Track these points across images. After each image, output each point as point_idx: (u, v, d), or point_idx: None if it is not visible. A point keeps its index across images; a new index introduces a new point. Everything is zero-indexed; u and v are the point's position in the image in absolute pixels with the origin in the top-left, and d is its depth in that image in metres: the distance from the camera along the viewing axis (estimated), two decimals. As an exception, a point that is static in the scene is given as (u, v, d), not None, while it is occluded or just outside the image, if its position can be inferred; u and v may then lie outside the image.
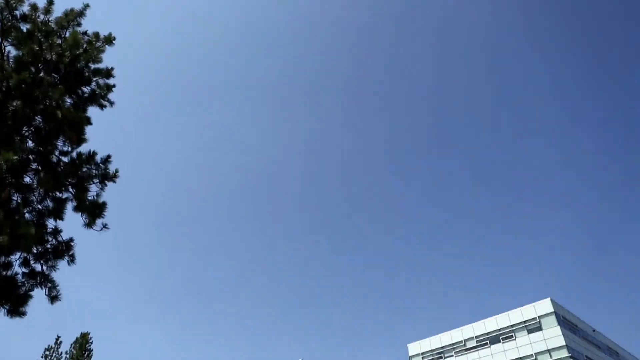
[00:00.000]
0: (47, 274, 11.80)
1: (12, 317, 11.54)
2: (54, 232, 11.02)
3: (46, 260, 11.60)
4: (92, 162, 10.68)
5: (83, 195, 10.99)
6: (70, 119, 9.48)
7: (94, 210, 11.05)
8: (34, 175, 9.48)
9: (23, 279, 11.06)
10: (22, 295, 11.70)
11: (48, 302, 12.11)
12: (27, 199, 9.57)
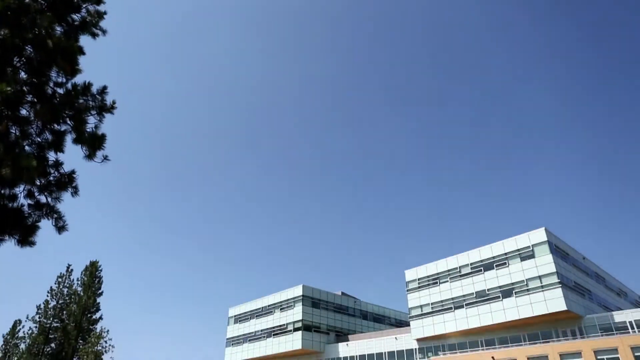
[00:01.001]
0: (52, 205, 12.03)
1: (23, 246, 11.93)
2: (55, 165, 11.07)
3: (50, 192, 11.76)
4: (88, 93, 10.48)
5: (81, 127, 10.90)
6: (62, 48, 9.14)
7: (93, 142, 11.02)
8: (30, 108, 9.34)
9: (29, 210, 11.29)
10: (30, 226, 12.01)
11: (56, 232, 12.48)
12: (26, 131, 9.50)
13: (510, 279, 47.92)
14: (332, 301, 67.28)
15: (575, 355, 40.62)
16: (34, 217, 12.05)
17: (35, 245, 12.23)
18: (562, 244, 50.50)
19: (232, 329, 73.21)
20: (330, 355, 61.73)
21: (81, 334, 57.43)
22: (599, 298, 52.16)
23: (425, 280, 55.70)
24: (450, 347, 50.86)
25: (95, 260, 62.64)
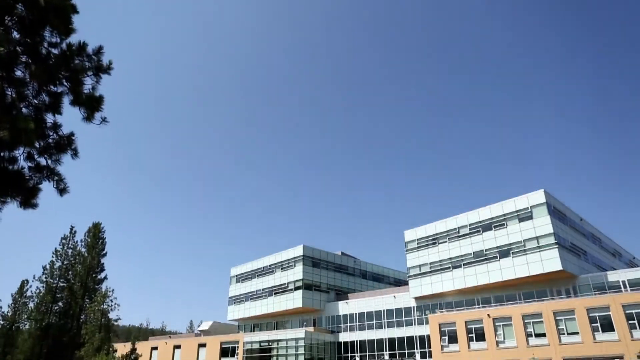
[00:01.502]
0: (53, 168, 12.02)
1: (25, 208, 12.01)
2: (53, 127, 10.99)
3: (50, 154, 11.72)
4: (84, 53, 10.26)
5: (78, 88, 10.73)
6: (55, 6, 8.88)
7: (91, 104, 10.88)
8: (24, 69, 9.17)
9: (30, 173, 11.30)
10: (32, 188, 12.05)
11: (57, 195, 12.55)
12: (22, 93, 9.36)
13: (508, 240, 48.60)
14: (332, 261, 68.53)
15: (568, 313, 41.74)
16: (35, 179, 12.08)
17: (37, 208, 12.33)
18: (560, 206, 50.90)
19: (234, 288, 74.95)
20: (330, 313, 63.49)
21: (87, 293, 58.86)
22: (594, 258, 53.10)
23: (424, 240, 56.52)
24: (447, 305, 52.23)
25: (98, 222, 63.30)
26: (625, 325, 38.55)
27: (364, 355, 57.74)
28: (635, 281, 43.66)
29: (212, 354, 66.56)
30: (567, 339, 41.03)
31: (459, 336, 46.57)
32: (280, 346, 58.63)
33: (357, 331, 59.85)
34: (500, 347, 43.85)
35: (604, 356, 37.86)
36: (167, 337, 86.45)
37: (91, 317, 54.47)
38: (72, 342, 55.29)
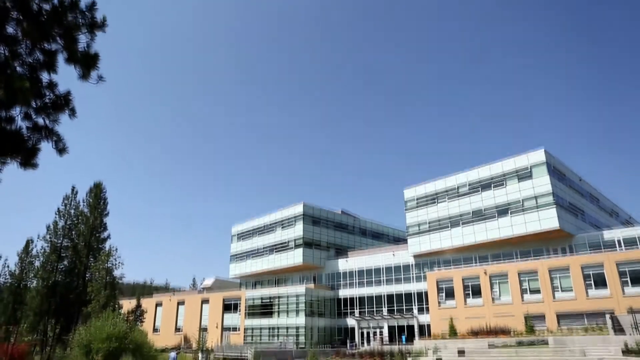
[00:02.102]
0: (51, 128, 11.91)
1: (26, 168, 12.00)
2: (49, 86, 10.81)
3: (47, 114, 11.58)
4: (77, 9, 9.94)
5: (73, 45, 10.47)
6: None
7: (87, 62, 10.64)
8: (16, 26, 8.91)
9: (28, 133, 11.21)
10: (31, 148, 12.00)
11: (57, 155, 12.51)
12: (15, 51, 9.14)
13: (507, 199, 48.97)
14: (332, 219, 69.30)
15: (563, 270, 42.66)
16: (34, 139, 12.00)
17: (38, 168, 12.33)
18: (560, 165, 50.96)
19: (235, 246, 76.17)
20: (330, 270, 64.86)
21: (91, 252, 59.88)
22: (591, 218, 53.68)
23: (423, 199, 56.93)
24: (445, 263, 53.27)
25: (99, 182, 63.46)
26: (618, 282, 39.51)
27: (363, 311, 59.46)
28: (630, 239, 44.35)
29: (215, 309, 68.53)
30: (560, 295, 42.13)
31: (456, 292, 47.79)
32: (282, 302, 60.28)
33: (357, 287, 61.35)
34: (495, 302, 45.09)
35: (596, 311, 38.99)
36: (171, 293, 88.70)
37: (96, 275, 55.68)
38: (78, 300, 56.79)
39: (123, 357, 42.81)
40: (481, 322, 41.02)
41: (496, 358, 27.14)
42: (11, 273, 67.96)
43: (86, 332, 44.69)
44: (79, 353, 44.04)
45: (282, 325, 58.93)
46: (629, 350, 24.35)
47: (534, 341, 31.32)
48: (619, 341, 26.27)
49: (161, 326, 75.33)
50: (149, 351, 47.10)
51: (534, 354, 26.73)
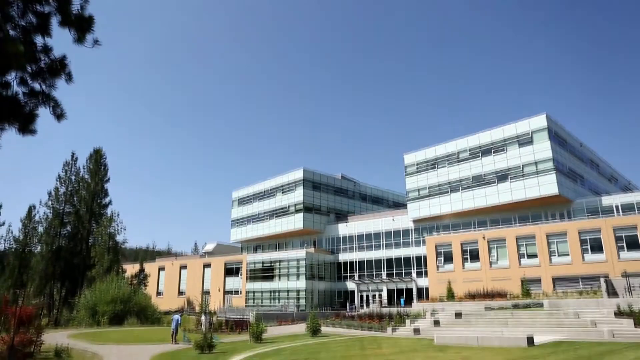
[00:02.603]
0: (48, 93, 11.73)
1: (24, 134, 11.90)
2: (44, 50, 10.56)
3: (43, 79, 11.40)
4: (69, -31, 9.60)
5: (66, 7, 10.17)
6: None
7: (81, 25, 10.36)
8: (7, -13, 8.61)
9: (25, 98, 11.06)
10: (29, 114, 11.86)
11: (55, 120, 12.39)
12: (7, 13, 8.87)
13: (507, 164, 48.94)
14: (332, 184, 69.51)
15: (561, 235, 43.13)
16: (31, 105, 11.85)
17: (36, 134, 12.23)
18: (562, 131, 50.65)
19: (236, 211, 76.75)
20: (330, 235, 65.60)
21: (93, 218, 60.34)
22: (590, 184, 53.81)
23: (423, 164, 56.90)
24: (444, 228, 53.80)
25: (99, 148, 63.33)
26: (614, 247, 40.04)
27: (363, 275, 60.53)
28: (628, 205, 44.62)
29: (217, 273, 69.77)
30: (557, 259, 42.77)
31: (454, 256, 48.50)
32: (282, 266, 61.29)
33: (356, 252, 62.22)
34: (493, 266, 45.84)
35: (591, 275, 39.67)
36: (174, 258, 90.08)
37: (99, 240, 56.37)
38: (82, 264, 57.73)
39: (128, 319, 44.02)
40: (478, 286, 41.80)
41: (492, 320, 27.79)
42: (15, 239, 68.72)
43: (91, 295, 45.74)
44: (85, 315, 45.21)
45: (283, 288, 60.14)
46: (621, 312, 24.91)
47: (529, 304, 31.98)
48: (612, 304, 26.83)
49: (164, 290, 76.90)
50: (153, 313, 48.36)
51: (529, 316, 27.37)
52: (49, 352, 18.84)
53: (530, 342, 19.07)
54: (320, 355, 17.47)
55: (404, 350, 18.95)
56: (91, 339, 27.49)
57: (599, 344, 19.07)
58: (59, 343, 20.28)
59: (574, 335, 22.49)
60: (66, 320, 49.56)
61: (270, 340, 25.29)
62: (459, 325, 28.21)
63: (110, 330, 37.65)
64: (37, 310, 20.93)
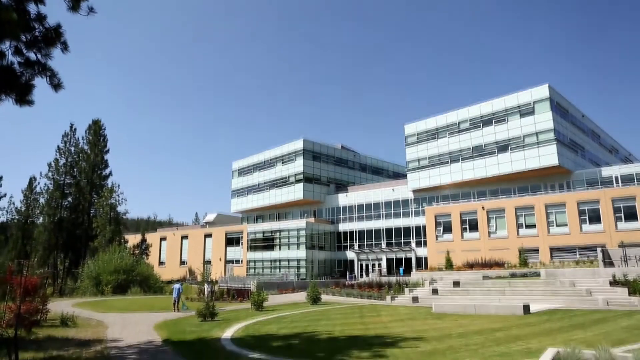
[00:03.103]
0: (44, 63, 11.57)
1: (21, 105, 11.80)
2: (38, 18, 10.38)
3: (38, 48, 11.20)
4: None
5: (59, -26, 9.94)
6: None
7: (75, -9, 10.15)
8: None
9: (21, 68, 10.92)
10: (25, 84, 11.73)
11: (52, 91, 12.24)
12: (-1, -20, 8.65)
13: (508, 135, 48.72)
14: (332, 154, 69.41)
15: (559, 206, 43.37)
16: (27, 75, 11.70)
17: (34, 105, 12.12)
18: (564, 101, 50.20)
19: (236, 182, 76.91)
20: (330, 205, 65.95)
21: (94, 189, 60.50)
22: (590, 155, 53.71)
23: (424, 134, 56.65)
24: (444, 198, 54.03)
25: (98, 119, 62.89)
26: (612, 218, 40.33)
27: (362, 244, 61.19)
28: (628, 176, 44.68)
29: (218, 243, 70.52)
30: (555, 229, 43.15)
31: (454, 226, 48.92)
32: (283, 236, 61.89)
33: (356, 222, 62.70)
34: (491, 237, 46.30)
35: (588, 245, 40.11)
36: (175, 228, 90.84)
37: (100, 211, 56.69)
38: (85, 235, 58.27)
39: (131, 288, 44.77)
40: (477, 256, 42.33)
41: (490, 289, 28.25)
42: (17, 210, 69.09)
43: (95, 266, 46.37)
44: (89, 284, 45.96)
45: (283, 258, 60.91)
46: (616, 281, 25.32)
47: (526, 273, 32.47)
48: (608, 273, 27.24)
49: (166, 260, 77.89)
50: (156, 283, 49.15)
51: (526, 285, 27.82)
52: (55, 320, 19.24)
53: (527, 310, 19.46)
54: (320, 323, 17.85)
55: (403, 318, 19.35)
56: (95, 308, 28.03)
57: (593, 312, 19.46)
58: (65, 311, 20.69)
59: (569, 304, 22.92)
60: (70, 289, 50.40)
61: (271, 309, 25.79)
62: (457, 294, 28.71)
63: (114, 299, 38.35)
64: (42, 280, 21.27)
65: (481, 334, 13.69)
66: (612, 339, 11.85)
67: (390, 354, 10.47)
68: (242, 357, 10.90)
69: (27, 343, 14.12)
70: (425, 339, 12.76)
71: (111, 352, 12.44)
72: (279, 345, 12.60)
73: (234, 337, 14.63)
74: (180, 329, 17.11)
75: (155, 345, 13.48)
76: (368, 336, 13.88)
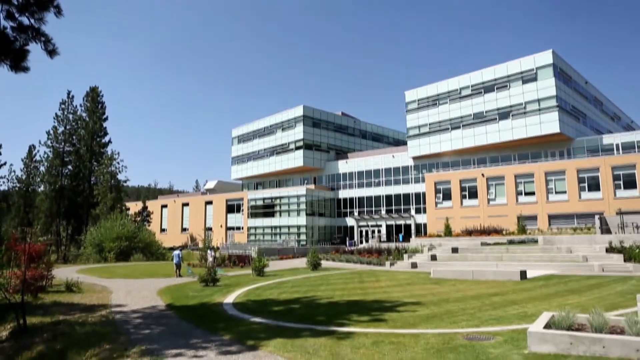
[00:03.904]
0: (37, 27, 11.33)
1: (17, 72, 11.63)
2: (30, -19, 10.07)
3: (31, 12, 10.95)
4: None
5: None
6: None
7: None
8: None
9: (14, 34, 10.69)
10: (19, 50, 11.51)
11: (48, 57, 12.03)
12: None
13: (509, 102, 48.24)
14: (332, 121, 68.93)
15: (559, 173, 43.40)
16: (21, 40, 11.48)
17: (29, 71, 11.93)
18: (567, 67, 49.44)
19: (236, 149, 76.71)
20: (330, 172, 66.02)
21: (94, 157, 60.44)
22: (592, 122, 53.31)
23: (424, 101, 56.09)
24: (444, 165, 54.03)
25: (95, 86, 62.17)
26: (611, 185, 40.45)
27: (362, 211, 61.62)
28: (629, 144, 44.52)
29: (218, 210, 71.01)
30: (554, 197, 43.35)
31: (453, 193, 49.13)
32: (283, 202, 62.25)
33: (356, 188, 62.94)
34: (490, 204, 46.57)
35: (586, 213, 40.38)
36: (176, 195, 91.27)
37: (101, 179, 56.84)
38: (86, 202, 58.62)
39: (133, 255, 45.43)
40: (476, 223, 42.70)
41: (487, 255, 28.65)
42: (18, 178, 69.22)
43: (97, 233, 46.90)
44: (92, 251, 46.61)
45: (283, 224, 61.46)
46: (612, 248, 25.64)
47: (524, 240, 32.82)
48: (605, 240, 27.54)
49: (168, 227, 78.64)
50: (158, 249, 49.83)
51: (523, 251, 28.19)
52: (60, 286, 19.61)
53: (523, 276, 19.80)
54: (320, 288, 18.19)
55: (402, 283, 19.70)
56: (99, 274, 28.52)
57: (589, 278, 19.80)
58: (69, 277, 21.07)
59: (565, 270, 23.29)
60: (74, 256, 51.13)
61: (272, 274, 26.22)
62: (455, 260, 29.13)
63: (117, 265, 38.96)
64: (45, 247, 21.53)
65: (478, 298, 13.97)
66: (606, 303, 12.11)
67: (389, 318, 10.72)
68: (244, 321, 11.16)
69: (34, 308, 14.45)
70: (424, 304, 13.03)
71: (116, 316, 12.73)
72: (280, 310, 12.87)
73: (235, 302, 14.94)
74: (183, 295, 17.45)
75: (158, 310, 13.78)
76: (367, 301, 14.16)
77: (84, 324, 11.62)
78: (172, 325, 11.07)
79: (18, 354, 9.87)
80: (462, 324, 9.78)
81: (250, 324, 10.75)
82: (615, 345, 6.39)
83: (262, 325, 10.50)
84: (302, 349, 7.81)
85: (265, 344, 8.36)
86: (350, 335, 8.85)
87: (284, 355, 7.53)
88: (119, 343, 9.14)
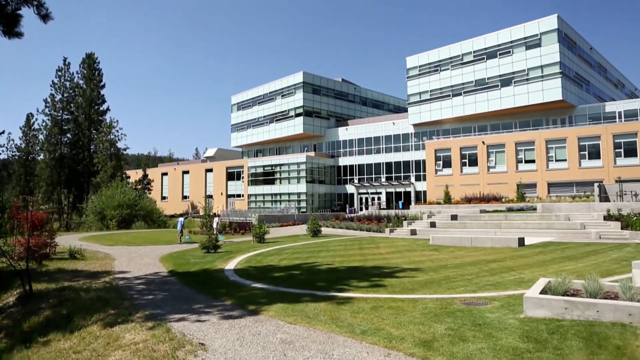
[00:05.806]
0: (29, -9, 11.05)
1: (10, 37, 11.41)
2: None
3: (21, -25, 10.65)
4: None
5: None
6: None
7: None
8: None
9: (5, -2, 10.42)
10: (12, 15, 11.27)
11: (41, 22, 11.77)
12: None
13: (512, 68, 47.51)
14: (332, 87, 68.13)
15: (560, 141, 43.22)
16: (13, 4, 11.22)
17: (23, 37, 11.71)
18: (572, 33, 48.40)
19: (235, 116, 76.14)
20: (330, 139, 65.76)
21: (92, 125, 60.08)
22: (595, 89, 52.64)
23: (426, 67, 55.25)
24: (444, 132, 53.75)
25: (91, 53, 61.16)
26: (612, 154, 40.36)
27: (362, 178, 61.75)
28: (632, 112, 44.13)
29: (218, 178, 71.15)
30: (554, 165, 43.33)
31: (453, 161, 49.10)
32: (283, 170, 62.29)
33: (356, 156, 62.85)
34: (490, 171, 46.59)
35: (586, 180, 40.46)
36: (176, 163, 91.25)
37: (100, 147, 56.67)
38: (86, 171, 58.68)
39: (135, 222, 45.84)
40: (475, 190, 42.84)
41: (486, 222, 28.91)
42: (17, 147, 68.98)
43: (98, 201, 47.19)
44: (94, 219, 47.02)
45: (284, 192, 61.70)
46: (610, 215, 25.87)
47: (523, 207, 33.06)
48: (603, 208, 27.75)
49: (169, 194, 78.97)
50: (159, 217, 50.24)
51: (522, 219, 28.44)
52: (63, 254, 19.88)
53: (521, 243, 20.04)
54: (320, 255, 18.44)
55: (401, 249, 19.96)
56: (102, 241, 28.86)
57: (585, 245, 20.06)
58: (72, 245, 21.33)
59: (563, 237, 23.56)
60: (76, 224, 51.63)
61: (272, 241, 26.54)
62: (455, 227, 29.43)
63: (119, 233, 39.37)
64: (48, 215, 21.70)
65: (476, 265, 14.19)
66: (601, 269, 12.31)
67: (388, 284, 10.91)
68: (245, 287, 11.37)
69: (39, 275, 14.69)
70: (422, 270, 13.24)
71: (120, 283, 12.97)
72: (281, 276, 13.10)
73: (236, 268, 15.18)
74: (185, 261, 17.71)
75: (161, 276, 14.02)
76: (367, 267, 14.39)
77: (88, 290, 11.85)
78: (174, 291, 11.28)
79: (25, 319, 10.12)
80: (459, 289, 9.96)
81: (252, 289, 10.96)
82: (609, 310, 6.54)
83: (263, 290, 10.70)
84: (303, 314, 7.99)
85: (267, 309, 8.54)
86: (350, 301, 9.04)
87: (285, 319, 7.71)
88: (123, 308, 9.35)
